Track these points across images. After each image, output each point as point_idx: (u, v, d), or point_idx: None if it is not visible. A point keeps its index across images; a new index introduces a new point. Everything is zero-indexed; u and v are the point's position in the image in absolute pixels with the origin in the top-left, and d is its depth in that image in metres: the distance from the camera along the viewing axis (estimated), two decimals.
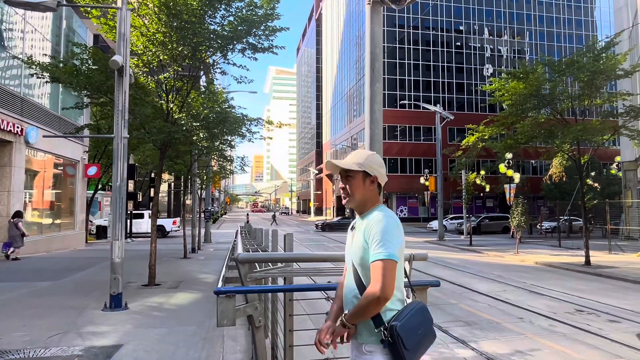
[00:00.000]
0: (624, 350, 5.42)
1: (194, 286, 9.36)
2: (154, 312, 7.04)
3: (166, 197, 49.89)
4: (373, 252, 1.74)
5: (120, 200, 7.52)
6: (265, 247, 7.14)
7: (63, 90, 16.58)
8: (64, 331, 5.78)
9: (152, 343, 5.31)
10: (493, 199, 45.74)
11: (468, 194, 25.13)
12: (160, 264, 10.87)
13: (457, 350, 5.39)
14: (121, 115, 7.53)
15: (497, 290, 9.48)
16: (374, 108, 3.83)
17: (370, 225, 1.79)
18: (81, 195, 18.53)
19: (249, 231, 12.16)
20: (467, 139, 17.41)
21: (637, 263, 13.77)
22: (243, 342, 5.31)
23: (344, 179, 1.92)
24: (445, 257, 16.14)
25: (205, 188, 21.58)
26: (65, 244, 16.95)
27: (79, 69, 9.30)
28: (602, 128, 13.73)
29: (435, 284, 2.64)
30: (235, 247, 4.51)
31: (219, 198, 59.66)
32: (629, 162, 23.34)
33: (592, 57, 13.55)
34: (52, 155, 16.29)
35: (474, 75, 50.06)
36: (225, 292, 2.32)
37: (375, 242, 1.74)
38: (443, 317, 7.02)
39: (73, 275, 10.62)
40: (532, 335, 6.06)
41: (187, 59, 9.73)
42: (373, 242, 1.75)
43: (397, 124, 46.98)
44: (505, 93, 14.64)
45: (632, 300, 8.52)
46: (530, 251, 17.76)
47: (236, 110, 12.03)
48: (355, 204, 1.91)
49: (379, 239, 1.74)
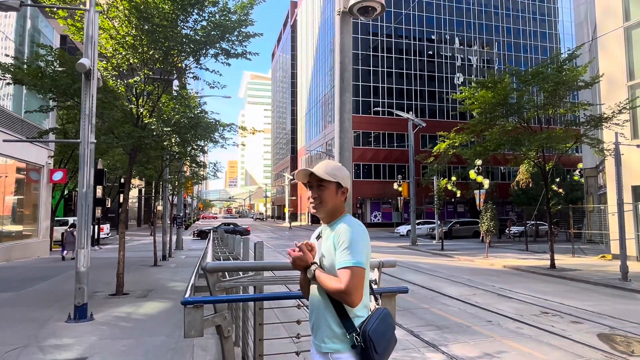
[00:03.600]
0: (585, 350, 5.64)
1: (163, 295, 9.14)
2: (121, 322, 6.82)
3: (136, 203, 48.60)
4: (340, 260, 1.77)
5: (87, 207, 7.28)
6: (238, 255, 7.05)
7: (27, 93, 15.95)
8: (24, 345, 5.52)
9: (118, 355, 5.14)
10: (464, 204, 46.84)
11: (440, 199, 25.65)
12: (129, 272, 10.55)
13: (428, 354, 5.47)
14: (88, 120, 7.31)
15: (467, 294, 9.69)
16: (344, 117, 3.87)
17: (339, 233, 1.83)
18: (45, 201, 17.80)
19: (222, 238, 11.97)
20: (439, 145, 17.80)
21: (598, 265, 14.39)
22: (213, 351, 5.22)
23: (316, 189, 1.95)
24: (418, 262, 16.38)
25: (177, 194, 21.15)
26: (27, 252, 16.21)
27: (44, 71, 8.97)
28: (565, 136, 14.33)
29: (403, 290, 2.68)
30: (205, 256, 4.43)
31: (191, 204, 58.54)
32: (590, 169, 24.43)
33: (555, 69, 14.15)
34: (14, 159, 15.59)
35: (445, 83, 51.35)
36: (193, 302, 2.28)
37: (343, 250, 1.78)
38: (415, 322, 7.11)
39: (36, 286, 10.17)
40: (500, 338, 6.23)
41: (158, 63, 9.55)
42: (341, 249, 1.78)
43: (371, 130, 47.55)
44: (475, 102, 15.07)
45: (593, 302, 8.89)
46: (499, 255, 18.27)
47: (209, 115, 11.86)
48: (325, 213, 1.94)
49: (346, 246, 1.78)
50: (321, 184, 1.94)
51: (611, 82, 16.35)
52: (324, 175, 1.93)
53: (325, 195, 1.93)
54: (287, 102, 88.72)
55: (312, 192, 1.96)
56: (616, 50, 16.42)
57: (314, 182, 1.95)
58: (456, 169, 38.12)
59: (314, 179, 1.95)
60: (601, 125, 14.03)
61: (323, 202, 1.94)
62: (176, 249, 20.49)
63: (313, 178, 1.95)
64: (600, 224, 19.22)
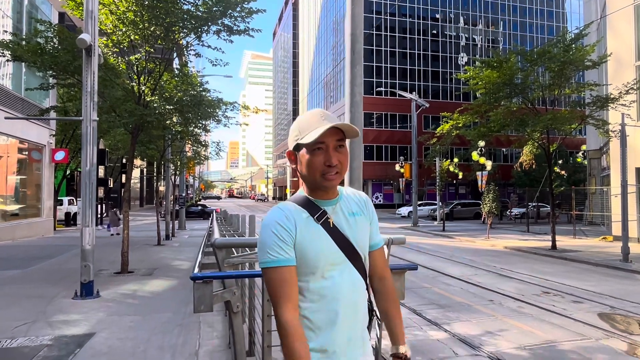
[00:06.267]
0: (585, 329, 5.70)
1: (168, 273, 9.23)
2: (127, 299, 6.90)
3: (138, 183, 48.71)
4: (379, 237, 1.52)
5: (90, 186, 7.27)
6: (242, 233, 7.08)
7: (27, 71, 15.77)
8: (32, 320, 5.60)
9: (125, 331, 5.21)
10: (465, 185, 46.83)
11: (442, 181, 25.63)
12: (133, 251, 10.64)
13: (431, 332, 5.54)
14: (90, 97, 7.23)
15: (469, 274, 9.77)
16: (355, 91, 3.79)
17: (366, 204, 1.50)
18: (48, 181, 17.83)
19: (225, 217, 12.02)
20: (442, 126, 17.66)
21: (600, 247, 14.46)
22: (220, 328, 5.29)
23: (336, 152, 1.35)
24: (419, 243, 16.48)
25: (179, 174, 21.15)
26: (31, 231, 16.33)
27: (44, 47, 8.83)
28: (570, 117, 14.18)
29: (413, 267, 2.68)
30: (212, 233, 4.45)
31: (193, 185, 58.69)
32: (594, 151, 24.30)
33: (562, 48, 13.90)
34: (15, 139, 15.53)
35: (449, 63, 50.63)
36: (202, 277, 2.27)
37: (376, 224, 1.52)
38: (418, 301, 7.19)
39: (41, 264, 10.27)
40: (502, 317, 6.29)
41: (159, 39, 9.39)
42: (376, 224, 1.51)
43: (374, 111, 47.15)
44: (479, 82, 14.87)
45: (594, 282, 8.95)
46: (500, 236, 18.36)
47: (211, 94, 11.75)
48: (338, 183, 1.42)
49: (376, 219, 1.53)
50: (342, 144, 1.38)
51: (619, 61, 16.08)
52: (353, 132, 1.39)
53: (346, 160, 1.38)
54: (288, 82, 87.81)
55: (328, 157, 1.34)
56: (625, 29, 16.08)
57: (334, 143, 1.36)
58: (459, 151, 37.96)
59: (336, 138, 1.36)
60: (607, 106, 13.87)
61: (344, 169, 1.40)
62: (179, 228, 20.62)
63: (336, 137, 1.36)
64: (602, 206, 19.24)
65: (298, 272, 1.31)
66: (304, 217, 1.35)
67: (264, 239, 1.30)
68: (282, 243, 1.28)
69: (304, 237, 1.32)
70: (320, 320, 1.32)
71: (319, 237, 1.34)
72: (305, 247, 1.31)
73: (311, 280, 1.32)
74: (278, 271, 1.27)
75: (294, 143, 1.39)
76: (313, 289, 1.32)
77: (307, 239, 1.32)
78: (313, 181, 1.37)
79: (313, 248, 1.32)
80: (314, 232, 1.34)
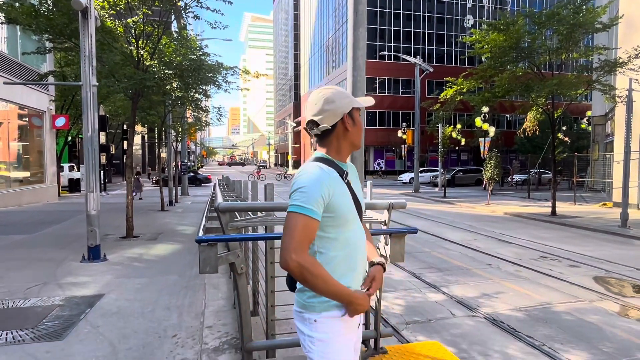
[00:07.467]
0: (581, 292, 5.86)
1: (173, 238, 9.41)
2: (134, 262, 7.09)
3: (140, 150, 48.68)
4: None
5: (93, 152, 7.29)
6: (245, 199, 7.15)
7: (22, 35, 15.43)
8: (43, 282, 5.78)
9: (133, 292, 5.38)
10: (468, 152, 46.67)
11: (444, 147, 25.53)
12: (137, 216, 10.79)
13: (430, 295, 5.71)
14: (88, 62, 7.12)
15: (468, 239, 9.92)
16: (357, 54, 3.73)
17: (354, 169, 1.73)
18: (50, 147, 17.84)
19: (227, 184, 12.09)
20: (446, 92, 17.39)
21: (599, 213, 14.58)
22: (225, 289, 5.45)
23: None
24: (420, 209, 16.64)
25: (181, 140, 21.10)
26: (36, 197, 16.52)
27: (38, 9, 8.60)
28: (576, 82, 13.92)
29: (413, 230, 2.73)
30: (215, 198, 4.50)
31: (194, 151, 58.62)
32: (599, 117, 24.01)
33: (572, 10, 13.44)
34: (15, 104, 15.42)
35: (455, 26, 49.17)
36: (207, 240, 2.33)
37: None
38: (417, 265, 7.35)
39: (48, 228, 10.47)
40: (499, 280, 6.46)
41: (157, 0, 9.12)
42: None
43: (377, 76, 46.29)
44: (485, 45, 14.51)
45: (591, 247, 9.10)
46: (500, 202, 18.49)
47: (211, 58, 11.51)
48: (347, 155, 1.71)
49: None
50: None
51: (630, 24, 15.60)
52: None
53: None
54: (289, 46, 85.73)
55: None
56: None
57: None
58: (462, 117, 37.58)
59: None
60: (615, 71, 13.57)
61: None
62: (182, 195, 20.80)
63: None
64: (604, 172, 19.22)
65: (331, 224, 1.51)
66: (335, 177, 1.54)
67: (313, 191, 1.45)
68: (322, 201, 1.47)
69: (337, 194, 1.51)
70: (344, 268, 1.55)
71: (346, 193, 1.57)
72: (339, 202, 1.51)
73: (341, 232, 1.54)
74: (311, 221, 1.44)
75: (349, 107, 1.59)
76: (343, 239, 1.55)
77: (338, 195, 1.52)
78: (357, 142, 1.63)
79: (344, 203, 1.54)
80: (343, 189, 1.56)
